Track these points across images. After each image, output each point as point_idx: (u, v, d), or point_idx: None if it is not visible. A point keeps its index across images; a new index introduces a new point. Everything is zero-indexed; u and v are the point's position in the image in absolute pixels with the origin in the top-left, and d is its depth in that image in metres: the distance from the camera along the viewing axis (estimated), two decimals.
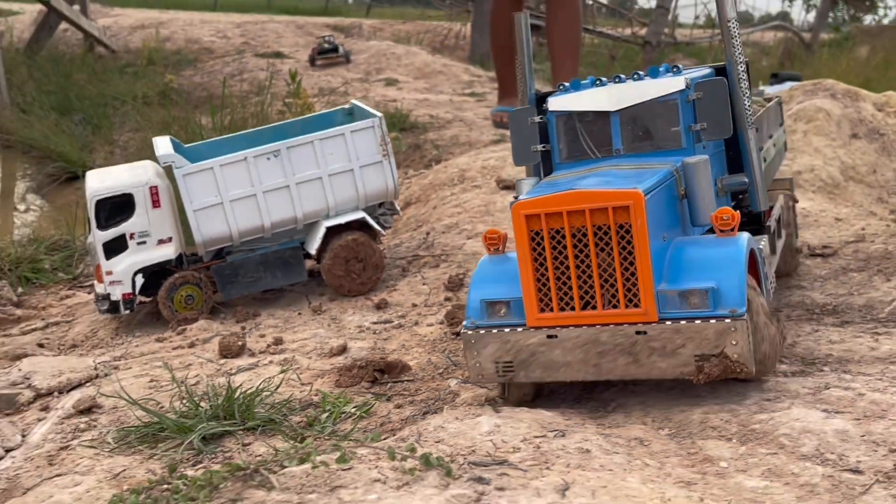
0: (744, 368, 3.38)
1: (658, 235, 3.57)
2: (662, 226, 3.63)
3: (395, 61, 16.97)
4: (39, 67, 15.50)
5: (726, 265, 3.48)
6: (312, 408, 4.53)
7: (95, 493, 3.69)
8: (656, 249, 3.51)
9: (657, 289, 3.46)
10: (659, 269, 3.50)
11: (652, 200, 3.53)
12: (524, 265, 3.61)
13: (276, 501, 2.78)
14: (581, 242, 3.52)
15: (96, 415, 4.80)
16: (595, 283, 3.52)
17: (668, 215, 3.75)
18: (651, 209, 3.49)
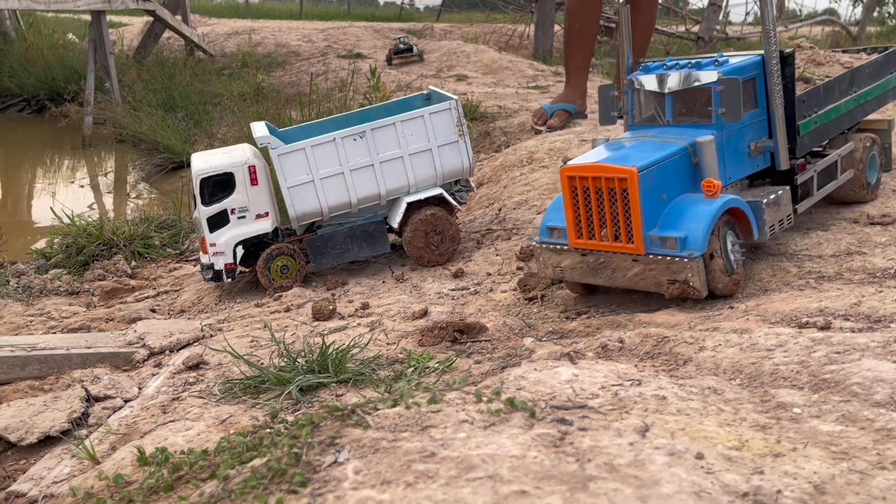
0: (696, 292, 4.52)
1: (656, 196, 4.60)
2: (662, 189, 4.62)
3: (464, 59, 16.83)
4: (147, 70, 15.82)
5: (695, 222, 4.51)
6: (398, 364, 4.50)
7: (205, 436, 3.72)
8: (654, 206, 4.57)
9: (648, 233, 4.56)
10: (655, 220, 4.59)
11: (648, 173, 4.54)
12: (566, 207, 4.81)
13: (371, 438, 2.73)
14: (600, 196, 4.67)
15: (203, 370, 4.85)
16: (608, 224, 4.67)
17: (672, 181, 4.69)
18: (648, 179, 4.53)
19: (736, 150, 5.05)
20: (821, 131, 5.56)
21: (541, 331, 4.79)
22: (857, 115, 5.96)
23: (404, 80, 14.71)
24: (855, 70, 5.92)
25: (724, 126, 4.95)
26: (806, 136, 5.39)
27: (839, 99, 5.71)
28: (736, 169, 5.09)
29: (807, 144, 5.44)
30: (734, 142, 5.06)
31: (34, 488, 3.83)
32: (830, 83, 5.68)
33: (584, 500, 2.25)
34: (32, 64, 17.63)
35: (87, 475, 3.74)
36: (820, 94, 5.55)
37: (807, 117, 5.39)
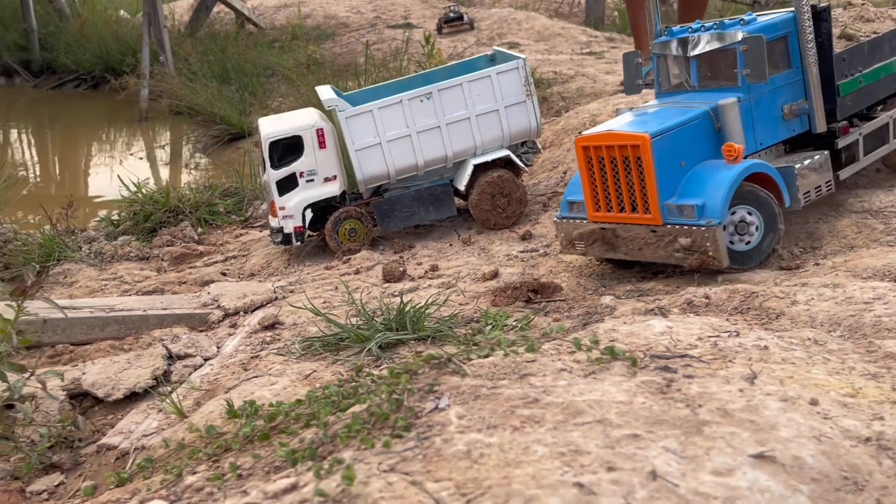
0: (715, 263, 4.31)
1: (674, 163, 4.44)
2: (680, 156, 4.47)
3: (515, 26, 16.63)
4: (200, 43, 15.94)
5: (713, 189, 4.32)
6: (474, 322, 4.48)
7: (291, 390, 3.75)
8: (671, 174, 4.42)
9: (665, 202, 4.38)
10: (674, 188, 4.43)
11: (663, 140, 4.40)
12: (583, 179, 4.70)
13: (470, 386, 2.72)
14: (615, 166, 4.51)
15: (279, 329, 4.89)
16: (624, 194, 4.54)
17: (693, 147, 4.51)
18: (662, 146, 4.38)
19: (768, 114, 4.84)
20: (868, 91, 5.24)
21: (617, 290, 4.74)
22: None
23: (455, 50, 14.59)
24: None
25: (751, 88, 4.75)
26: (848, 97, 5.09)
27: (891, 56, 5.35)
28: (768, 133, 4.87)
29: (850, 106, 5.14)
30: (765, 105, 4.84)
31: (124, 441, 3.91)
32: (878, 40, 5.30)
33: (700, 443, 2.21)
34: (87, 40, 17.88)
35: (175, 428, 3.81)
36: (864, 51, 5.22)
37: (849, 77, 5.09)
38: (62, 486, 3.79)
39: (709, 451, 2.14)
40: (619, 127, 4.62)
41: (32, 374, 3.82)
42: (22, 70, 18.17)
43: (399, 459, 2.33)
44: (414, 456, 2.33)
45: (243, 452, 3.01)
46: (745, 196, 4.44)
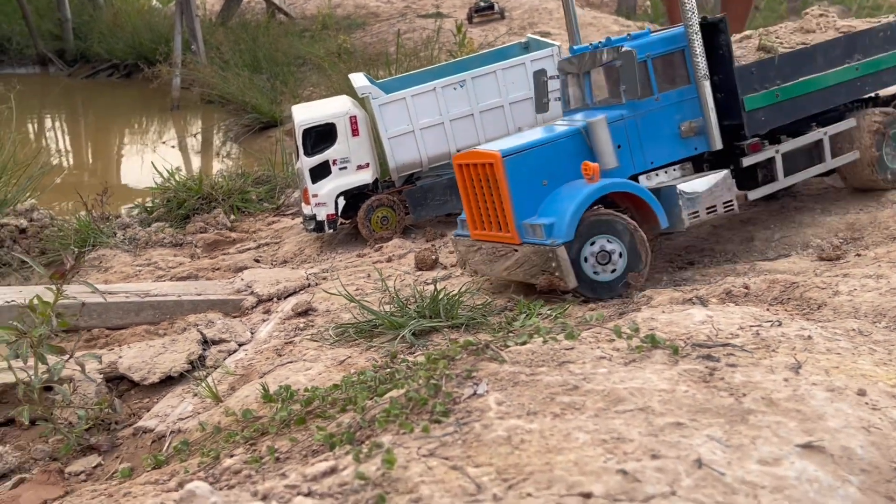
0: (562, 284, 4.23)
1: (535, 182, 4.39)
2: (542, 175, 4.41)
3: (546, 15, 16.52)
4: (232, 32, 16.03)
5: (563, 208, 4.25)
6: (507, 311, 4.46)
7: (327, 376, 3.75)
8: (532, 192, 4.37)
9: (523, 221, 4.34)
10: (534, 207, 4.37)
11: (518, 158, 4.37)
12: (462, 197, 4.68)
13: (509, 372, 2.70)
14: (482, 184, 4.48)
15: (312, 316, 4.90)
16: (487, 213, 4.51)
17: (559, 166, 4.42)
18: (518, 164, 4.35)
19: (660, 132, 4.64)
20: (791, 106, 4.87)
21: (652, 279, 4.68)
22: (865, 87, 5.14)
23: (486, 40, 14.51)
24: (856, 35, 5.10)
25: (638, 105, 4.59)
26: (759, 112, 4.75)
27: (826, 69, 4.95)
28: (662, 152, 4.65)
29: (763, 122, 4.79)
30: (657, 122, 4.64)
31: (160, 424, 3.94)
32: (803, 52, 4.95)
33: (745, 432, 2.17)
34: (121, 29, 18.05)
35: (211, 412, 3.83)
36: (782, 64, 4.84)
37: (759, 91, 4.75)
38: (99, 468, 3.82)
39: (754, 441, 2.11)
40: (485, 145, 4.69)
41: (71, 356, 3.86)
42: (56, 59, 18.39)
43: (438, 444, 2.32)
44: (453, 441, 2.32)
45: (280, 436, 3.02)
46: (602, 225, 4.29)
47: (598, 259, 4.31)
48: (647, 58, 4.59)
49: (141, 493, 2.74)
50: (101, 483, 3.64)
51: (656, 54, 4.61)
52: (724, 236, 5.14)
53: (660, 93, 4.60)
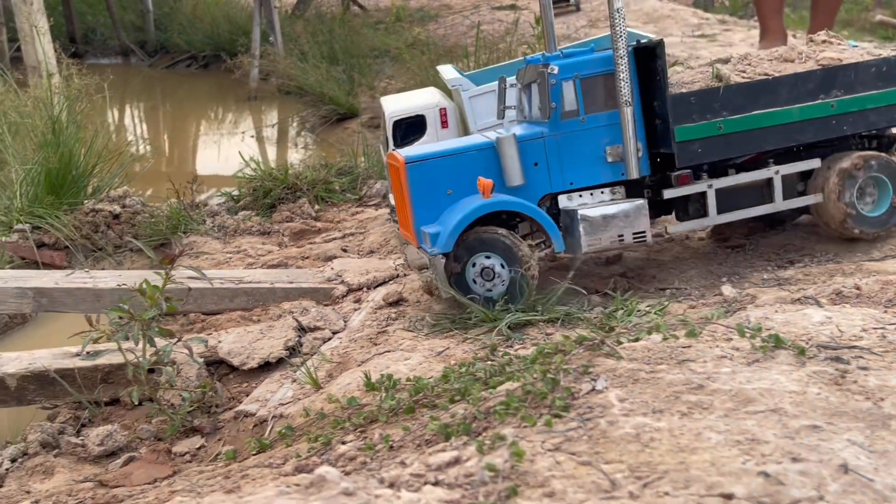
0: (434, 290, 4.50)
1: (439, 190, 4.46)
2: (448, 184, 4.47)
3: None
4: (309, 24, 16.23)
5: (449, 220, 4.33)
6: (602, 307, 4.41)
7: (427, 366, 3.77)
8: (434, 200, 4.46)
9: (422, 227, 4.46)
10: (436, 214, 4.45)
11: (422, 166, 4.46)
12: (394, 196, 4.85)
13: (627, 369, 2.67)
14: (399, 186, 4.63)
15: (403, 306, 4.93)
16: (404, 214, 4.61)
17: (466, 176, 4.45)
18: (422, 172, 4.45)
19: (583, 154, 4.52)
20: (739, 140, 4.55)
21: (752, 277, 4.58)
22: (843, 127, 4.69)
23: (561, 32, 14.38)
24: (837, 69, 4.66)
25: (561, 125, 4.49)
26: (695, 144, 4.49)
27: (792, 103, 4.58)
28: (583, 174, 4.54)
29: (699, 154, 4.52)
30: (579, 143, 4.52)
31: (261, 409, 4.02)
32: (761, 83, 4.59)
33: (888, 438, 2.10)
34: (200, 21, 18.44)
35: (312, 398, 3.89)
36: (725, 94, 4.50)
37: (697, 121, 4.48)
38: (202, 449, 3.92)
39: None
40: (406, 149, 4.79)
41: (180, 339, 3.97)
42: (138, 50, 18.89)
43: (563, 439, 2.31)
44: (579, 436, 2.30)
45: (390, 424, 3.05)
46: (484, 242, 4.34)
47: (482, 275, 4.39)
48: (574, 78, 4.49)
49: (258, 475, 2.79)
50: (205, 464, 3.73)
51: (585, 75, 4.50)
52: (824, 235, 4.99)
53: (587, 114, 4.50)
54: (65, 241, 6.76)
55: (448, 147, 4.65)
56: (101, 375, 4.38)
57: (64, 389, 4.36)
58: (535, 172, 4.52)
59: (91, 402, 4.33)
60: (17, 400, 4.41)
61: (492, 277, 4.37)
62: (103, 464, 3.85)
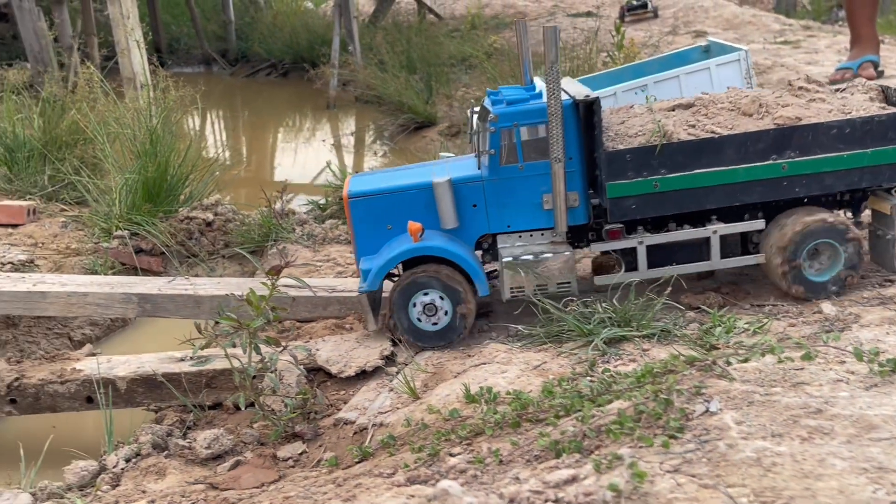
0: (365, 326, 4.70)
1: (380, 226, 4.64)
2: (388, 220, 4.63)
3: (702, 14, 16.08)
4: (387, 33, 16.47)
5: (380, 259, 4.53)
6: (698, 323, 4.38)
7: (526, 380, 3.81)
8: (376, 235, 4.65)
9: (359, 262, 4.69)
10: (376, 248, 4.65)
11: (365, 201, 4.65)
12: None
13: (741, 391, 2.66)
14: None
15: (492, 318, 4.98)
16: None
17: (407, 214, 4.58)
18: (364, 207, 4.64)
19: (520, 199, 4.59)
20: (678, 198, 4.47)
21: (852, 296, 4.49)
22: (795, 189, 4.49)
23: (639, 40, 14.27)
24: (793, 129, 4.43)
25: (500, 170, 4.55)
26: (629, 200, 4.46)
27: (738, 162, 4.43)
28: (520, 218, 4.62)
29: (632, 209, 4.49)
30: (518, 190, 4.59)
31: (361, 416, 4.12)
32: (704, 141, 4.45)
33: None
34: (279, 30, 18.88)
35: (410, 408, 3.97)
36: (663, 152, 4.41)
37: (633, 178, 4.43)
38: (304, 455, 4.04)
39: None
40: (354, 180, 4.91)
41: (284, 348, 4.10)
42: (220, 59, 19.43)
43: (682, 461, 2.32)
44: (697, 459, 2.32)
45: (495, 438, 3.10)
46: (421, 283, 4.49)
47: (425, 311, 4.54)
48: (514, 126, 4.50)
49: (371, 485, 2.87)
50: (308, 470, 3.85)
51: (525, 123, 4.50)
52: None
53: (525, 162, 4.53)
54: (161, 248, 7.02)
55: (391, 184, 4.78)
56: (205, 380, 4.56)
57: (170, 392, 4.56)
58: (474, 213, 4.65)
59: (195, 406, 4.51)
60: (127, 402, 4.63)
61: (434, 312, 4.56)
62: (211, 466, 4.01)
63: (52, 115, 8.37)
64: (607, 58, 11.44)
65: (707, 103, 4.86)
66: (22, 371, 4.65)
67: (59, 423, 5.02)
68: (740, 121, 4.61)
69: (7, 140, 8.21)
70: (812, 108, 4.62)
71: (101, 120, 7.96)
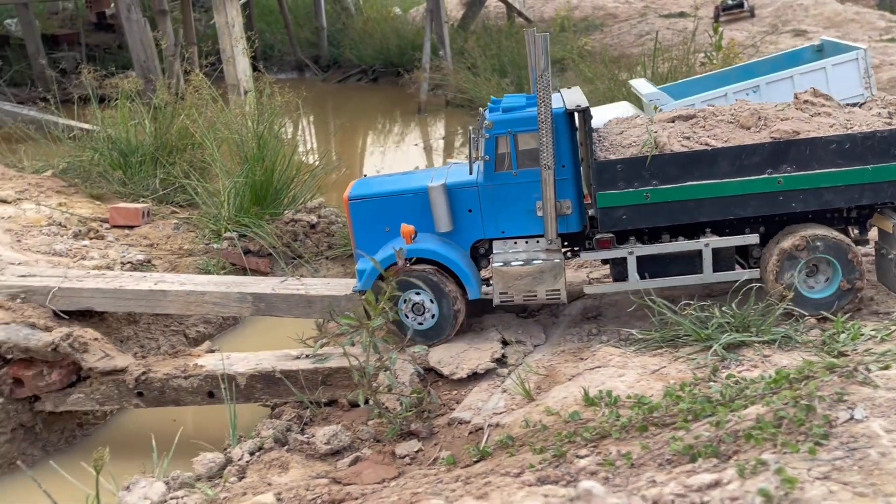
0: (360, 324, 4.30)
1: (378, 227, 4.78)
2: (386, 222, 4.77)
3: (801, 12, 15.60)
4: (477, 37, 16.54)
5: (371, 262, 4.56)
6: (819, 329, 4.27)
7: (645, 384, 3.78)
8: (374, 236, 4.79)
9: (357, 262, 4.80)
10: (374, 250, 4.71)
11: (363, 203, 4.83)
12: None
13: (887, 399, 2.59)
14: None
15: (602, 321, 4.95)
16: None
17: (404, 217, 4.71)
18: (363, 209, 4.82)
19: (514, 206, 4.66)
20: (670, 209, 4.45)
21: None
22: (791, 204, 4.38)
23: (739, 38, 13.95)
24: (790, 143, 4.33)
25: (495, 176, 4.64)
26: (620, 210, 4.47)
27: (732, 176, 4.37)
28: (514, 224, 4.70)
29: (623, 220, 4.50)
30: (511, 196, 4.66)
31: (475, 417, 4.16)
32: (697, 153, 4.39)
33: None
34: (370, 36, 19.17)
35: (526, 409, 3.99)
36: (654, 163, 4.40)
37: (624, 188, 4.43)
38: (420, 453, 4.11)
39: None
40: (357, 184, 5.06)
41: (403, 347, 4.18)
42: (312, 65, 19.86)
43: (831, 468, 2.28)
44: (848, 466, 2.27)
45: (622, 441, 3.09)
46: (410, 282, 4.59)
47: (413, 310, 4.69)
48: (508, 133, 4.57)
49: (501, 483, 2.91)
50: (425, 467, 3.91)
51: (519, 131, 4.56)
52: None
53: (519, 169, 4.59)
54: (268, 249, 7.22)
55: (389, 188, 4.97)
56: (321, 378, 4.68)
57: (287, 389, 4.70)
58: (469, 218, 4.78)
59: (312, 402, 4.64)
60: (246, 397, 4.79)
61: (422, 312, 4.74)
62: (330, 461, 4.11)
63: (163, 120, 8.71)
64: (705, 59, 11.22)
65: (708, 115, 4.85)
66: (148, 366, 4.87)
67: (177, 416, 5.23)
68: (737, 133, 4.61)
69: (121, 145, 8.58)
70: (814, 122, 4.55)
71: (210, 125, 8.24)
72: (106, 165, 8.42)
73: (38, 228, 7.10)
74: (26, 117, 10.19)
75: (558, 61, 14.77)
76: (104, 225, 7.40)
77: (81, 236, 7.06)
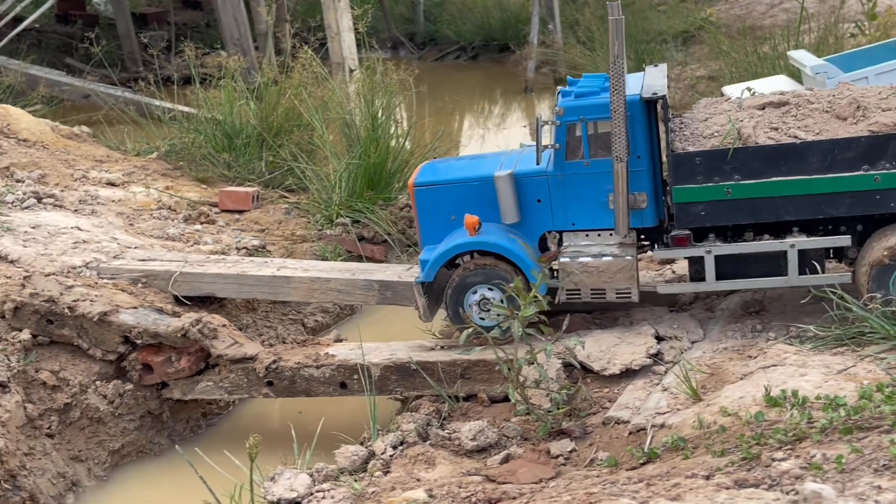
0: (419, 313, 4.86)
1: (444, 215, 4.88)
2: (452, 210, 4.85)
3: None
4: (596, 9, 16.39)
5: (435, 252, 4.78)
6: None
7: (834, 385, 3.70)
8: (439, 225, 4.91)
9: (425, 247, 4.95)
10: (439, 238, 4.88)
11: (429, 191, 4.95)
12: None
13: None
14: None
15: (765, 315, 4.86)
16: None
17: (471, 205, 4.78)
18: (428, 196, 4.95)
19: (585, 197, 4.59)
20: (753, 206, 4.35)
21: None
22: (887, 203, 4.26)
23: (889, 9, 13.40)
24: (887, 137, 4.18)
25: (566, 165, 4.57)
26: (698, 206, 4.37)
27: (823, 172, 4.24)
28: (587, 216, 4.66)
29: (702, 216, 4.38)
30: (582, 187, 4.59)
31: (635, 416, 4.14)
32: (784, 147, 4.26)
33: None
34: (470, 11, 19.21)
35: (695, 409, 3.95)
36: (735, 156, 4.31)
37: (702, 182, 4.33)
38: (574, 453, 4.13)
39: None
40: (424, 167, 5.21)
41: (557, 338, 4.20)
42: (407, 42, 20.05)
43: None
44: None
45: (823, 444, 3.04)
46: (478, 275, 4.72)
47: (479, 304, 4.75)
48: (580, 120, 4.49)
49: (693, 486, 2.90)
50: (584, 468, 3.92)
51: (592, 118, 4.48)
52: None
53: (591, 158, 4.53)
54: (383, 236, 7.34)
55: (455, 175, 5.06)
56: (460, 370, 4.74)
57: (423, 381, 4.78)
58: (538, 209, 4.77)
59: (450, 396, 4.70)
60: (380, 389, 4.88)
61: (488, 309, 4.77)
62: (477, 458, 4.17)
63: (269, 100, 8.93)
64: (856, 29, 10.85)
65: (802, 102, 4.67)
66: (278, 354, 5.03)
67: (304, 407, 5.39)
68: (831, 125, 4.45)
69: (226, 127, 8.83)
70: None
71: (320, 105, 8.41)
72: (210, 148, 8.67)
73: (148, 212, 7.40)
74: (127, 99, 10.61)
75: (681, 34, 14.53)
76: (213, 209, 7.65)
77: (192, 220, 7.32)
